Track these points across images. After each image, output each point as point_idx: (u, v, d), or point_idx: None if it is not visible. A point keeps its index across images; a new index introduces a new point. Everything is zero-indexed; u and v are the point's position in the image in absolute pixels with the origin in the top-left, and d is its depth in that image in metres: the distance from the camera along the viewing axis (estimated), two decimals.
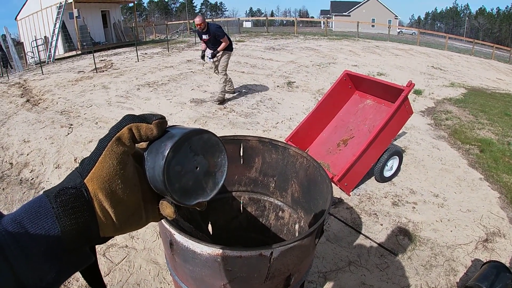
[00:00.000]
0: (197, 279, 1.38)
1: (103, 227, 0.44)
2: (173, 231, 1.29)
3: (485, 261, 2.85)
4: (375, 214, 3.57)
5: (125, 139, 0.44)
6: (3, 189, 3.82)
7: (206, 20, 6.20)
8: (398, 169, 4.31)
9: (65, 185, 0.42)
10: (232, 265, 1.25)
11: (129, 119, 0.45)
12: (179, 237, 1.28)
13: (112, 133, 0.44)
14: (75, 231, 0.40)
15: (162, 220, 1.29)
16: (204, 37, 6.23)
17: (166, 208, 0.48)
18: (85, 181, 0.42)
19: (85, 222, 0.42)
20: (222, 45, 6.23)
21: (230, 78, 6.99)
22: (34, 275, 0.37)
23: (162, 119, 0.46)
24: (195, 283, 1.42)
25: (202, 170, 0.48)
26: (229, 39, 6.36)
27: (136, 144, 0.47)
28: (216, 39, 6.18)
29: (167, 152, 0.43)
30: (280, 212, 2.32)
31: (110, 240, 2.99)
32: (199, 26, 6.06)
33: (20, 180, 4.03)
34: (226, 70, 6.52)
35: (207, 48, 6.45)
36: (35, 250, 0.38)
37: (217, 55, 6.37)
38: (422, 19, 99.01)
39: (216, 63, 6.55)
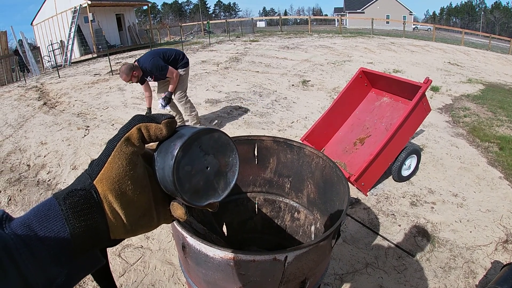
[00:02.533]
0: (210, 283, 1.36)
1: (113, 229, 0.43)
2: (185, 233, 1.27)
3: (505, 263, 2.75)
4: (393, 214, 3.50)
5: (134, 139, 0.44)
6: (20, 190, 3.88)
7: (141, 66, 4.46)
8: (416, 168, 4.22)
9: (74, 187, 0.42)
10: (245, 269, 1.22)
11: (138, 119, 0.45)
12: (191, 240, 1.26)
13: (121, 134, 0.44)
14: (84, 233, 0.40)
15: (174, 223, 1.28)
16: (149, 79, 4.69)
17: (177, 210, 0.47)
18: (94, 182, 0.42)
19: (95, 224, 0.41)
20: (172, 85, 4.70)
21: (190, 104, 5.17)
22: (43, 278, 0.37)
23: (171, 119, 0.46)
24: (208, 287, 1.40)
25: (213, 170, 0.47)
26: (177, 59, 4.79)
27: (146, 145, 0.47)
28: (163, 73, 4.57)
29: (177, 151, 0.43)
30: (296, 213, 2.28)
31: (126, 240, 3.02)
32: (130, 80, 4.42)
33: (37, 181, 4.09)
34: (185, 96, 5.01)
35: (158, 94, 5.04)
36: (44, 253, 0.37)
37: (172, 97, 4.93)
38: (437, 14, 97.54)
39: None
